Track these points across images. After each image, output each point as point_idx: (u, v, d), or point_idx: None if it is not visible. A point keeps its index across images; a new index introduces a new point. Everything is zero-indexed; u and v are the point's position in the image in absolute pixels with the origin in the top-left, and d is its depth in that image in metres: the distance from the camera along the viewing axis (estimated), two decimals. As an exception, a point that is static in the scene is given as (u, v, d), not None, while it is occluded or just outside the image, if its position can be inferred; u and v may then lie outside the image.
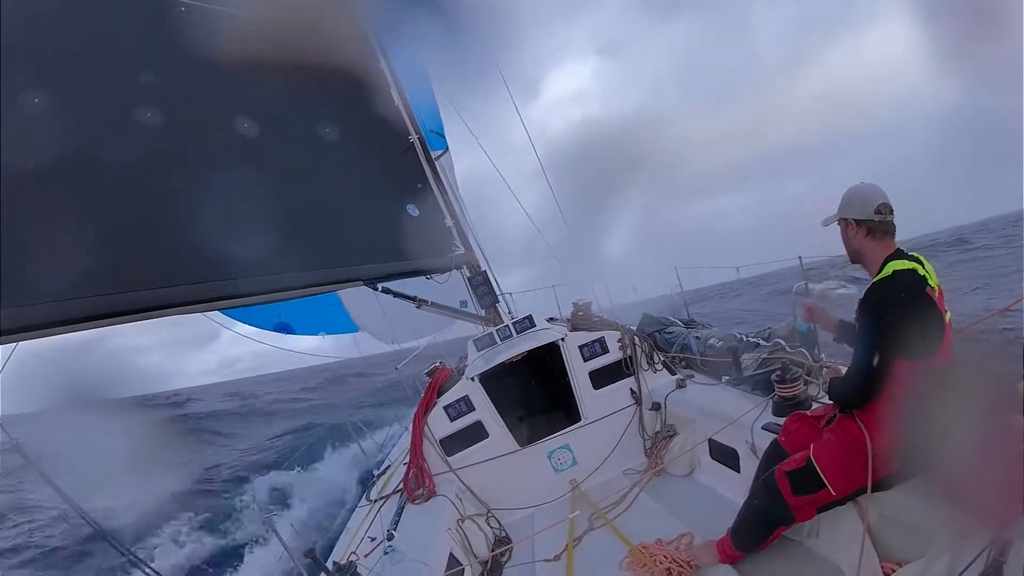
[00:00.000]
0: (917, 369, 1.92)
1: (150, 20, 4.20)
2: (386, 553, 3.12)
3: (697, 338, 4.65)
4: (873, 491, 2.13)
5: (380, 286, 4.98)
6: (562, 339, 4.47)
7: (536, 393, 5.24)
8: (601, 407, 4.45)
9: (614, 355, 4.52)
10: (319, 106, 5.03)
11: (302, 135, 4.86)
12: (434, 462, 4.24)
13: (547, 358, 4.73)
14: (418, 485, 4.04)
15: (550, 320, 5.68)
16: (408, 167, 5.45)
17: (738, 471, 3.38)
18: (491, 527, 3.92)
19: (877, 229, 2.12)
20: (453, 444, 4.31)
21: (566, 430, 4.43)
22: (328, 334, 8.64)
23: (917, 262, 2.05)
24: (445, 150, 8.20)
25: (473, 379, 4.36)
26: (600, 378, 4.50)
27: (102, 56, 3.89)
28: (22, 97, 3.35)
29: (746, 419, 3.26)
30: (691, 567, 2.77)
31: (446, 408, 4.32)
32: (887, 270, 2.04)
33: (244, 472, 11.77)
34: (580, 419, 4.43)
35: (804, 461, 2.28)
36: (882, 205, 2.11)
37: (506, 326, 4.94)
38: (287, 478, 10.67)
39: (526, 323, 4.91)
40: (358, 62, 5.05)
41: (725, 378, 4.04)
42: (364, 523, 3.88)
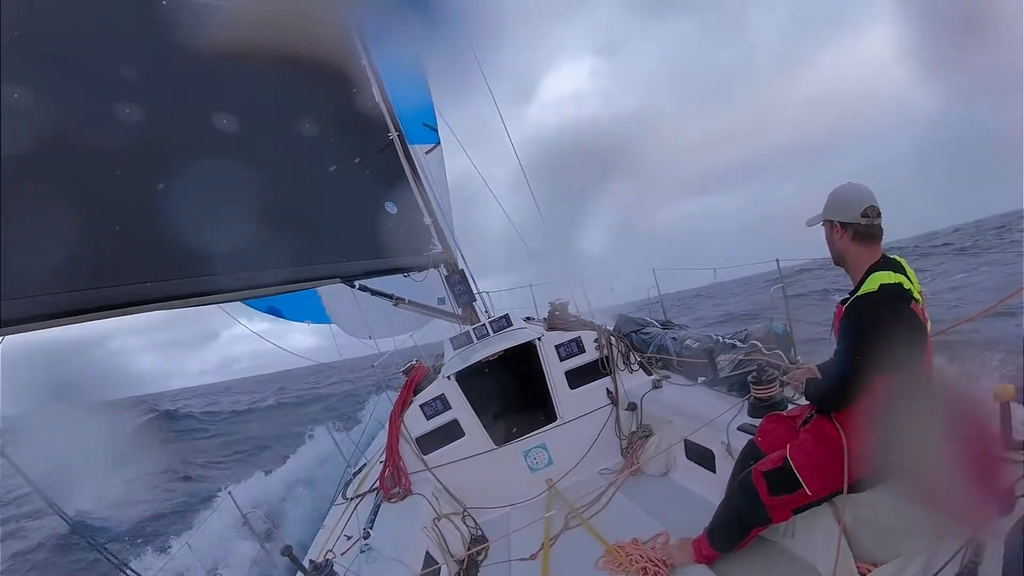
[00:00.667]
0: (899, 378, 1.87)
1: (130, 14, 4.13)
2: (362, 551, 3.10)
3: (674, 339, 4.68)
4: (849, 492, 2.15)
5: (357, 283, 4.94)
6: (539, 339, 4.47)
7: (512, 392, 5.24)
8: (577, 407, 4.46)
9: (590, 355, 4.54)
10: (299, 102, 4.96)
11: (281, 130, 4.79)
12: (410, 460, 4.21)
13: (524, 357, 4.73)
14: (394, 483, 4.02)
15: (527, 320, 5.68)
16: (388, 164, 5.40)
17: (714, 471, 3.42)
18: (467, 526, 3.91)
19: (863, 233, 2.04)
20: (429, 443, 4.29)
21: (542, 429, 4.43)
22: (314, 322, 8.56)
23: (901, 271, 1.99)
24: (436, 144, 8.12)
25: (450, 377, 4.34)
26: (576, 378, 4.50)
27: (84, 50, 3.82)
28: (3, 91, 3.27)
29: (722, 420, 3.29)
30: (667, 566, 2.80)
31: (422, 406, 4.29)
32: (872, 282, 1.95)
33: (222, 470, 11.59)
34: (556, 419, 4.44)
35: (781, 461, 2.29)
36: (869, 208, 2.02)
37: (483, 325, 4.93)
38: (264, 477, 10.54)
39: (503, 322, 4.91)
40: (340, 58, 4.99)
41: (701, 379, 4.08)
42: (340, 521, 3.84)
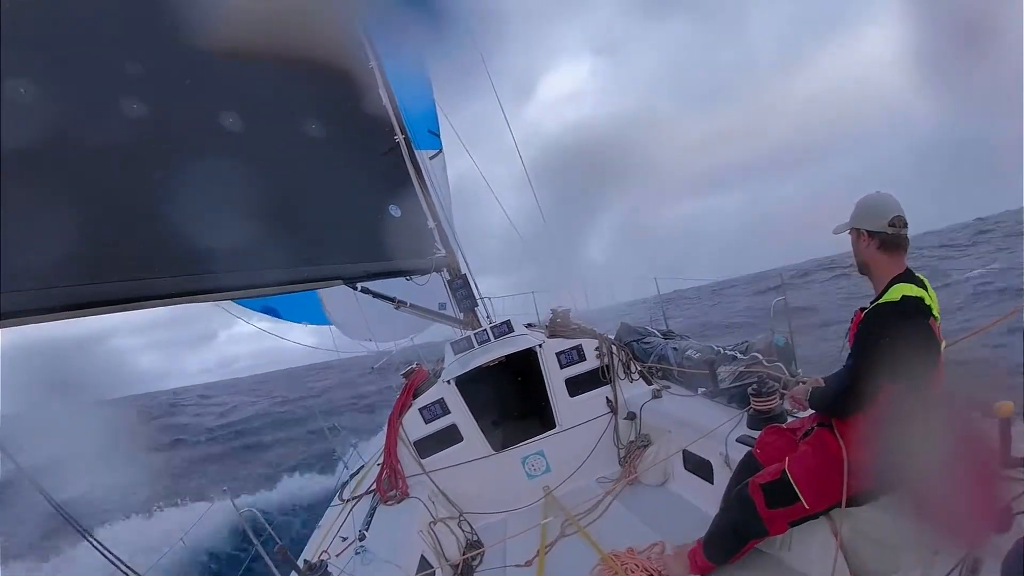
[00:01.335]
0: (905, 391, 1.87)
1: (134, 9, 4.12)
2: (357, 553, 3.10)
3: (675, 349, 4.68)
4: (847, 506, 2.14)
5: (359, 286, 4.93)
6: (539, 345, 4.47)
7: (512, 399, 5.23)
8: (576, 415, 4.45)
9: (591, 363, 4.54)
10: (304, 101, 4.95)
11: (286, 130, 4.78)
12: (408, 464, 4.21)
13: (524, 364, 4.73)
14: (391, 486, 4.02)
15: (528, 326, 5.68)
16: (392, 167, 5.40)
17: (712, 482, 3.40)
18: (463, 531, 3.91)
19: (889, 242, 2.05)
20: (427, 446, 4.29)
21: (540, 436, 4.43)
22: (311, 323, 8.55)
23: (923, 287, 2.00)
24: (439, 151, 8.12)
25: (449, 382, 4.34)
26: (576, 386, 4.51)
27: (86, 45, 3.81)
28: (6, 84, 3.26)
29: (721, 431, 3.29)
30: (662, 576, 2.78)
31: (421, 410, 4.29)
32: (894, 293, 1.96)
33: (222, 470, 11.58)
34: (555, 426, 4.44)
35: (779, 474, 2.29)
36: (896, 218, 2.03)
37: (484, 330, 4.92)
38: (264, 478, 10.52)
39: (504, 328, 4.90)
40: (347, 60, 5.00)
41: (701, 390, 4.07)
42: (336, 522, 3.85)
